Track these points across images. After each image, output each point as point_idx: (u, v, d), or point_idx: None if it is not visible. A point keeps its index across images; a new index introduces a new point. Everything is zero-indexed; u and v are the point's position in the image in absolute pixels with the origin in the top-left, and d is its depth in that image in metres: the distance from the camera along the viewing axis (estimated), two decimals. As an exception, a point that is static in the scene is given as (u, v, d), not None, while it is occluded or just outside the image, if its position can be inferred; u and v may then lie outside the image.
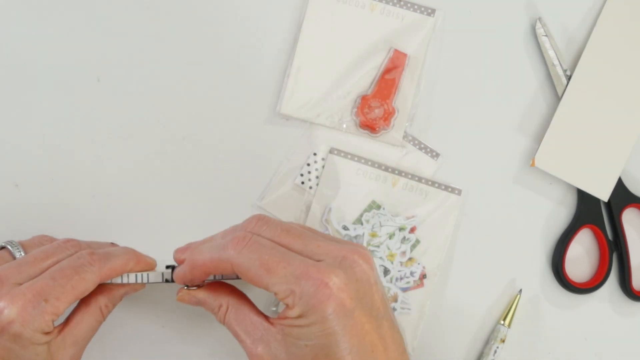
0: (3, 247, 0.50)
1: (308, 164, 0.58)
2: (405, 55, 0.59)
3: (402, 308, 0.58)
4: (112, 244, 0.54)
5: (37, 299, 0.44)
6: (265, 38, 0.59)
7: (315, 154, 0.58)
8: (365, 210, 0.58)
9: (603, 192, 0.60)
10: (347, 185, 0.58)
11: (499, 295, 0.60)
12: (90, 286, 0.47)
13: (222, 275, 0.49)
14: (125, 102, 0.57)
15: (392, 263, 0.58)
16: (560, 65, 0.60)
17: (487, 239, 0.60)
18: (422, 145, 0.59)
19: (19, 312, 0.44)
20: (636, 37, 0.60)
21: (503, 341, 0.59)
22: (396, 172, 0.59)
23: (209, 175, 0.58)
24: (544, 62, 0.60)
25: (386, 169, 0.59)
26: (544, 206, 0.61)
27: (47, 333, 0.45)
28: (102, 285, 0.49)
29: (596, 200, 0.60)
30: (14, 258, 0.48)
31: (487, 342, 0.60)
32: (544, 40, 0.60)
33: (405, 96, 0.59)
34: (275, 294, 0.43)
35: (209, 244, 0.46)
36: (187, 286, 0.49)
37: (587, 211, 0.60)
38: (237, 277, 0.46)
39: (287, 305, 0.43)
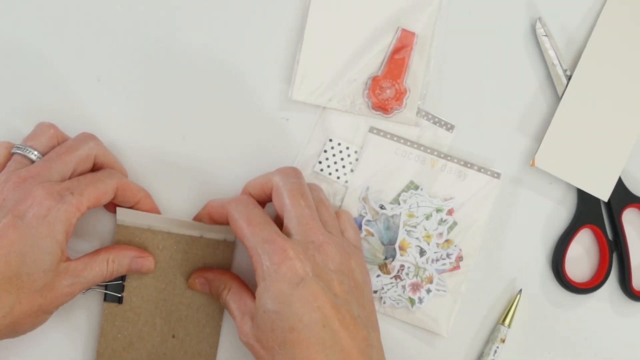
0: (13, 154, 0.52)
1: (325, 151, 0.58)
2: (413, 34, 0.58)
3: (438, 290, 0.58)
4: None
5: (64, 191, 0.49)
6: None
7: (330, 140, 0.58)
8: (403, 191, 0.58)
9: (603, 192, 0.60)
10: (385, 165, 0.58)
11: (499, 295, 0.60)
12: (109, 189, 0.51)
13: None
14: (126, 102, 0.57)
15: (428, 244, 0.58)
16: (560, 65, 0.60)
17: (487, 239, 0.60)
18: (437, 119, 0.59)
19: (47, 197, 0.48)
20: (636, 37, 0.60)
21: (503, 341, 0.59)
22: (435, 153, 0.59)
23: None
24: (544, 62, 0.60)
25: (425, 149, 0.59)
26: (544, 206, 0.61)
27: (66, 233, 0.49)
28: (114, 246, 0.54)
29: (596, 200, 0.60)
30: (30, 160, 0.52)
31: (487, 342, 0.60)
32: (544, 40, 0.60)
33: (416, 75, 0.59)
34: (248, 249, 0.49)
35: (225, 198, 0.55)
36: None
37: (587, 211, 0.60)
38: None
39: (254, 267, 0.49)
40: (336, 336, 0.47)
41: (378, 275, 0.58)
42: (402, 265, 0.58)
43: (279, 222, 0.52)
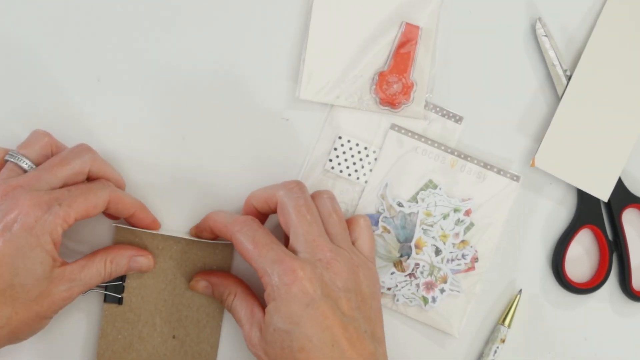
0: (6, 161, 0.52)
1: (335, 148, 0.58)
2: (417, 27, 0.58)
3: (452, 290, 0.58)
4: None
5: (52, 202, 0.48)
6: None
7: (340, 137, 0.58)
8: (422, 189, 0.58)
9: (603, 192, 0.60)
10: (405, 162, 0.58)
11: (499, 295, 0.60)
12: (99, 202, 0.51)
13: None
14: (126, 102, 0.57)
15: (444, 244, 0.58)
16: (560, 65, 0.60)
17: (487, 239, 0.60)
18: (445, 112, 0.59)
19: (34, 207, 0.48)
20: (636, 37, 0.60)
21: (503, 341, 0.59)
22: (455, 153, 0.59)
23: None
24: (544, 62, 0.60)
25: (446, 149, 0.59)
26: (544, 206, 0.61)
27: (53, 243, 0.48)
28: (112, 246, 0.54)
29: (596, 200, 0.60)
30: (22, 169, 0.51)
31: (487, 343, 0.60)
32: (544, 40, 0.60)
33: (422, 68, 0.59)
34: (256, 270, 0.50)
35: (227, 214, 0.54)
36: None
37: (587, 211, 0.60)
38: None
39: (264, 287, 0.49)
40: (344, 355, 0.48)
41: (392, 273, 0.58)
42: (417, 264, 0.58)
43: (281, 236, 0.52)
